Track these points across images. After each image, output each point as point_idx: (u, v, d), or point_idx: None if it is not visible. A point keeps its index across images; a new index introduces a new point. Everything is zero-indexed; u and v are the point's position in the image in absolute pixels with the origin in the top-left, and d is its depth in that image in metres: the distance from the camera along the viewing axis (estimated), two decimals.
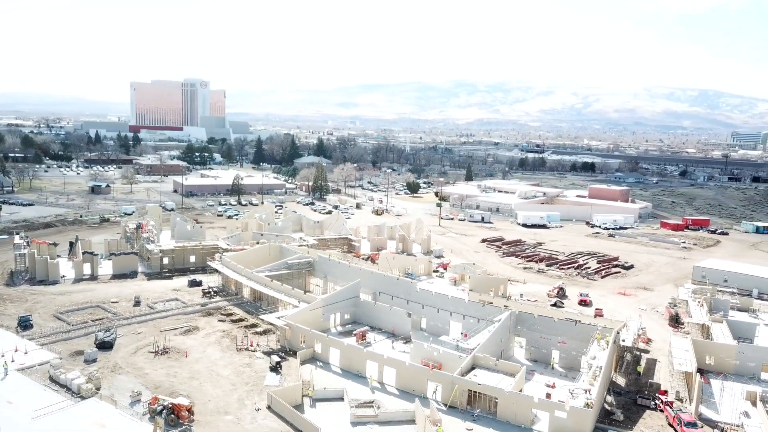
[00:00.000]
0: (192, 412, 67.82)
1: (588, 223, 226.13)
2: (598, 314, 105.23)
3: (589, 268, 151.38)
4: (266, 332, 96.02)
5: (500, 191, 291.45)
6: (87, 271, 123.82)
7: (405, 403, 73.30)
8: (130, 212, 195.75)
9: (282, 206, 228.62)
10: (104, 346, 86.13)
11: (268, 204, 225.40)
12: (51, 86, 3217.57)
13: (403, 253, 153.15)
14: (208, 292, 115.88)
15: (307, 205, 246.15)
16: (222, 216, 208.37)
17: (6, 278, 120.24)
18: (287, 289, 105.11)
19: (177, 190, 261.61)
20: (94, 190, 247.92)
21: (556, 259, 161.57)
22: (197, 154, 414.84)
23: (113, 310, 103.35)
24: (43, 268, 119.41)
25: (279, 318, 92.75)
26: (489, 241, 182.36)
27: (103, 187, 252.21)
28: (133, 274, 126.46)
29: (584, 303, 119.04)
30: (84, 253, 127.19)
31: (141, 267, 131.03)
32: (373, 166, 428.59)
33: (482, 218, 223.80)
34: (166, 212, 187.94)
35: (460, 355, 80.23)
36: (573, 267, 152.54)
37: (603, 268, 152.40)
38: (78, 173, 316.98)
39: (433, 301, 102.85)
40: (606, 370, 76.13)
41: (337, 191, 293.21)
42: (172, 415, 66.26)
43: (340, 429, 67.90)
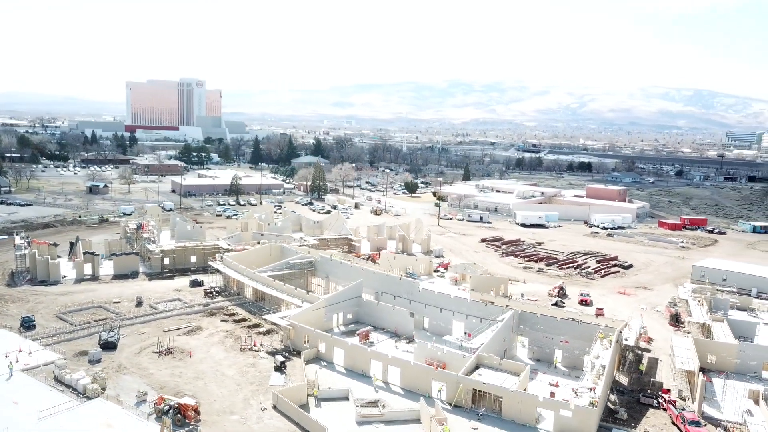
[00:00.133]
0: (198, 412, 67.89)
1: (586, 223, 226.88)
2: (599, 313, 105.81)
3: (589, 268, 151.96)
4: (269, 332, 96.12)
5: (498, 191, 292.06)
6: (88, 271, 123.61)
7: (410, 403, 73.48)
8: (128, 212, 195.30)
9: (281, 206, 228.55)
10: (108, 346, 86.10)
11: (268, 204, 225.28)
12: (45, 86, 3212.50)
13: (403, 253, 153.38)
14: (210, 292, 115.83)
15: (306, 205, 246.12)
16: (221, 216, 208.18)
17: (7, 279, 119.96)
18: (290, 289, 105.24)
19: (175, 190, 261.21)
20: (92, 190, 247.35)
21: (556, 258, 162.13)
22: (194, 154, 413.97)
23: (115, 310, 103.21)
24: (44, 269, 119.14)
25: (282, 318, 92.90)
26: (488, 241, 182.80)
27: (101, 187, 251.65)
28: (134, 275, 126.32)
29: (585, 303, 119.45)
30: (85, 254, 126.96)
31: (142, 267, 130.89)
32: (371, 166, 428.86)
33: (481, 218, 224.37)
34: (165, 212, 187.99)
35: (464, 355, 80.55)
36: (572, 266, 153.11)
37: (602, 267, 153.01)
38: (75, 173, 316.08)
39: (436, 301, 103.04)
40: (609, 369, 76.58)
41: (336, 191, 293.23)
42: (178, 415, 66.34)
43: (346, 428, 68.13)
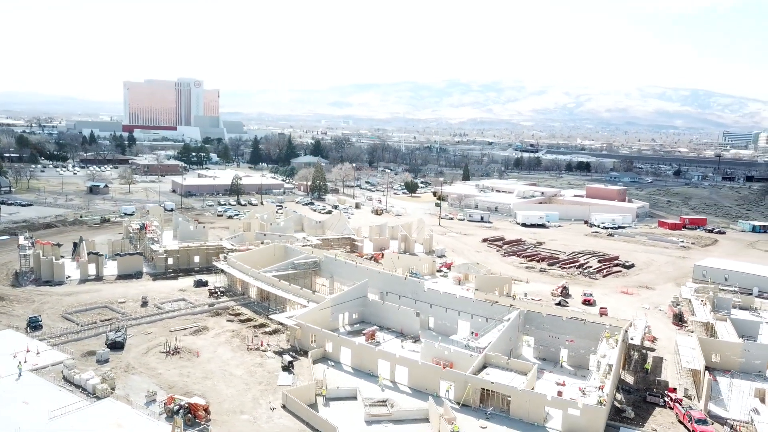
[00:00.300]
0: (209, 412, 68.12)
1: (586, 223, 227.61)
2: (603, 313, 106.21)
3: (591, 268, 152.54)
4: (275, 332, 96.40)
5: (498, 191, 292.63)
6: (92, 271, 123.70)
7: (418, 402, 73.88)
8: (130, 212, 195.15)
9: (282, 206, 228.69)
10: (115, 346, 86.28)
11: (269, 204, 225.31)
12: (41, 85, 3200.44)
13: (406, 253, 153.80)
14: (215, 292, 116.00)
15: (307, 205, 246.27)
16: (222, 216, 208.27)
17: (11, 279, 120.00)
18: (295, 289, 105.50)
19: (175, 190, 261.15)
20: (93, 191, 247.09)
21: (558, 258, 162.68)
22: (194, 154, 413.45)
23: (121, 310, 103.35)
24: (49, 269, 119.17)
25: (289, 318, 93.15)
26: (490, 241, 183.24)
27: (102, 188, 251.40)
28: (138, 275, 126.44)
29: (588, 302, 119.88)
30: (89, 254, 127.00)
31: (145, 267, 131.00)
32: (370, 166, 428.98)
33: (481, 218, 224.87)
34: (166, 212, 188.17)
35: (472, 354, 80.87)
36: (574, 266, 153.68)
37: (604, 267, 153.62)
38: (75, 173, 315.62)
39: (441, 301, 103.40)
40: (616, 368, 77.08)
41: (336, 191, 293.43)
42: (189, 415, 66.58)
43: (355, 427, 68.44)
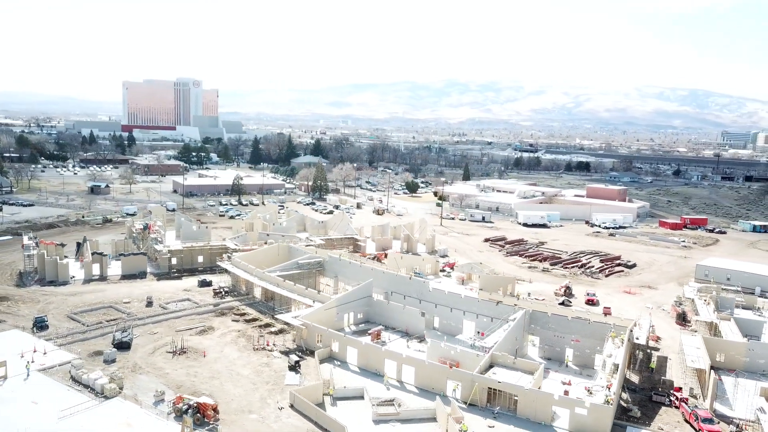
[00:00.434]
0: (218, 411, 68.35)
1: (587, 223, 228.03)
2: (607, 312, 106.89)
3: (593, 267, 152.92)
4: (281, 332, 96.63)
5: (499, 191, 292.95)
6: (96, 271, 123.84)
7: (425, 401, 74.16)
8: (132, 213, 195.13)
9: (283, 206, 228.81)
10: (122, 346, 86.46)
11: (271, 204, 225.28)
12: (40, 85, 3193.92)
13: (408, 253, 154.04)
14: (219, 292, 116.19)
15: (308, 205, 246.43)
16: (224, 216, 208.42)
17: (16, 279, 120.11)
18: (300, 289, 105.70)
19: (176, 190, 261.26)
20: (94, 191, 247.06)
21: (560, 258, 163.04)
22: (194, 154, 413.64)
23: (126, 310, 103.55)
24: (53, 269, 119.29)
25: (295, 318, 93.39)
26: (492, 241, 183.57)
27: (103, 188, 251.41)
28: (142, 275, 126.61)
29: (591, 302, 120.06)
30: (93, 254, 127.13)
31: (149, 267, 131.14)
32: (370, 166, 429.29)
33: (483, 218, 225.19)
34: (168, 213, 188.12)
35: (478, 354, 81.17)
36: (577, 266, 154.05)
37: (606, 267, 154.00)
38: (75, 173, 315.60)
39: (446, 301, 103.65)
40: (622, 367, 77.39)
41: (337, 191, 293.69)
42: (198, 414, 66.79)
43: (363, 427, 68.66)
